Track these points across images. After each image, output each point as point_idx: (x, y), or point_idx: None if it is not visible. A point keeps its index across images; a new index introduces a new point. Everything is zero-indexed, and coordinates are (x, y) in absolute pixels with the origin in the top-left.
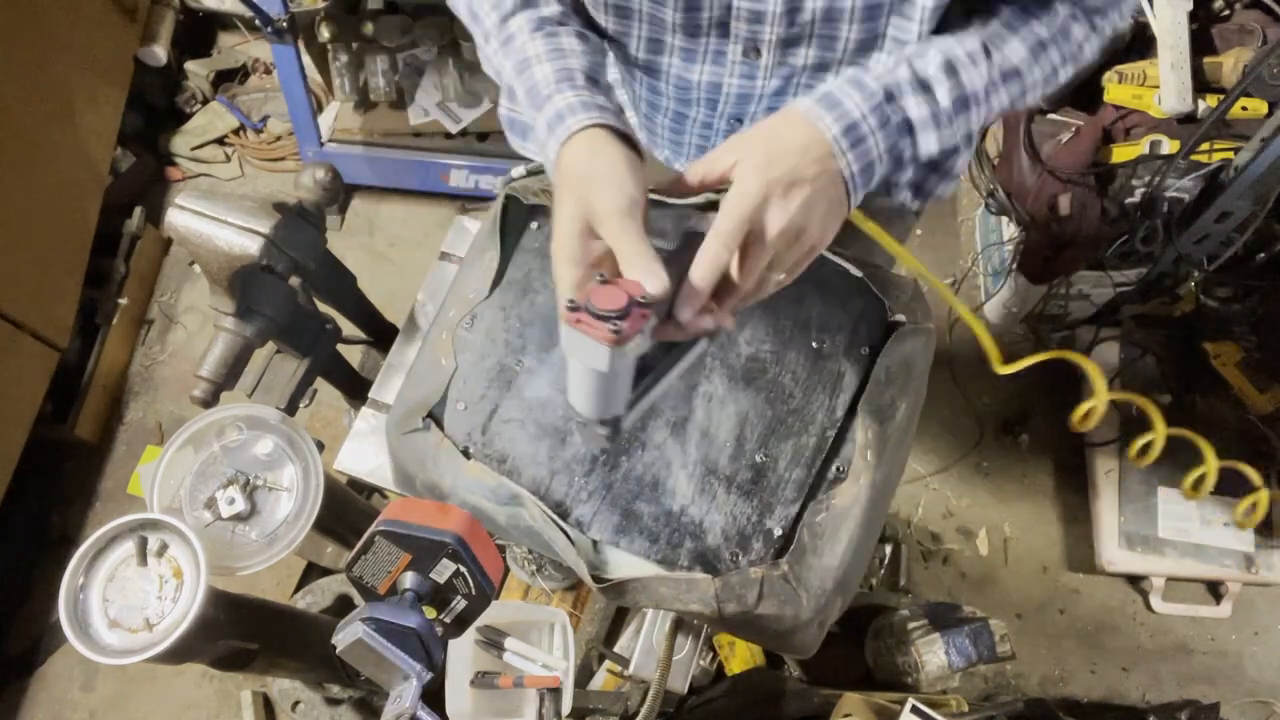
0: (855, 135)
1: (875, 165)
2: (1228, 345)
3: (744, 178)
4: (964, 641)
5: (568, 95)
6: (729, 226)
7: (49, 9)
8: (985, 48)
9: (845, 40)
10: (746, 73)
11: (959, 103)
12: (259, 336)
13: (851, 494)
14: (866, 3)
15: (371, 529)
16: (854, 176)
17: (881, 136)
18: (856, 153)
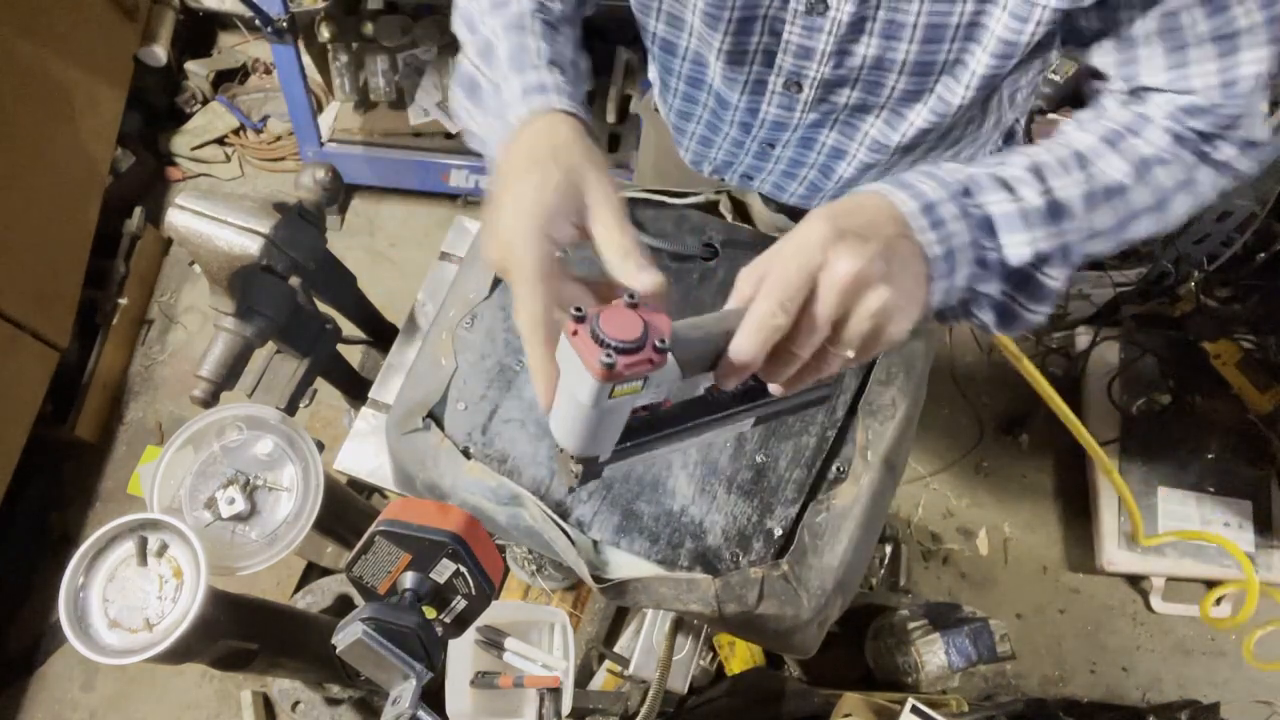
0: (934, 216)
1: (958, 256)
2: (1228, 345)
3: (808, 224)
4: (964, 641)
5: (555, 75)
6: (787, 277)
7: (49, 9)
8: (1079, 156)
9: (891, 89)
10: (784, 104)
11: (1050, 208)
12: (259, 336)
13: (851, 494)
14: (919, 59)
15: (371, 529)
16: (936, 259)
17: (963, 226)
18: (938, 234)
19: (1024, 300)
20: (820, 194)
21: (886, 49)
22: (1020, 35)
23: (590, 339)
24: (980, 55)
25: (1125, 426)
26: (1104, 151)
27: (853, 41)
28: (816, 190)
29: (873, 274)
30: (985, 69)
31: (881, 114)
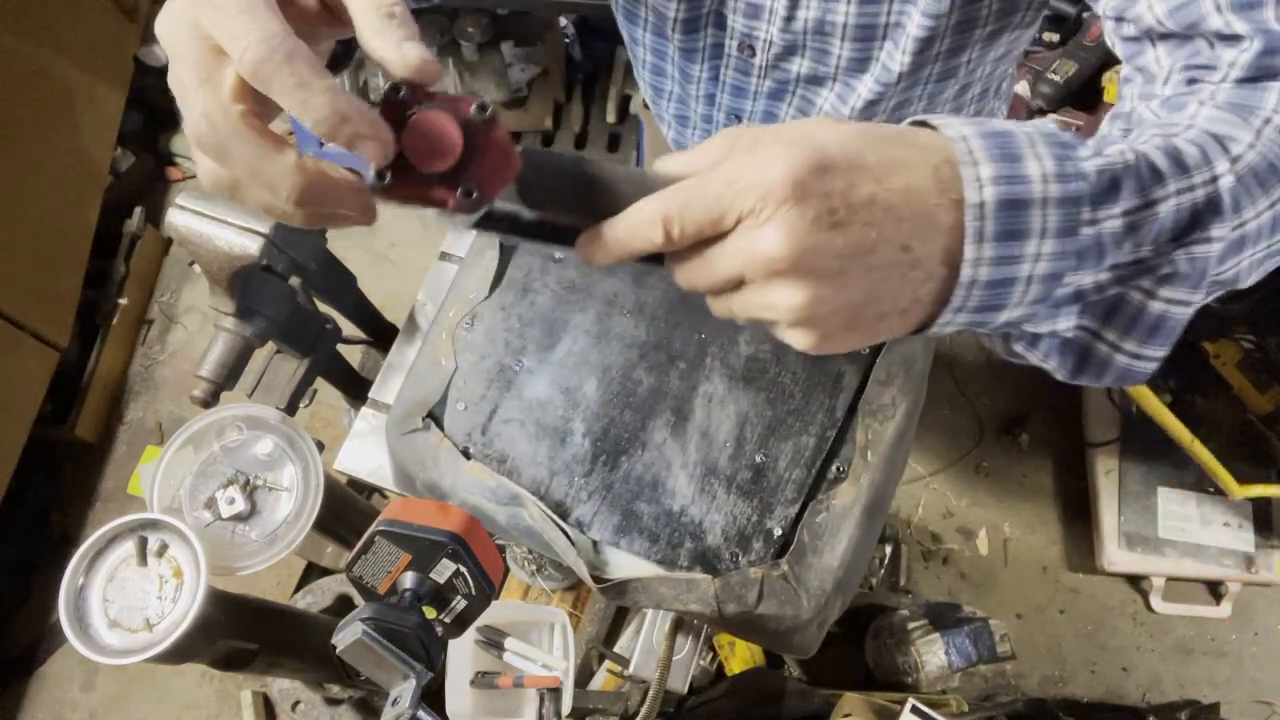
0: (1006, 148)
1: (1033, 208)
2: (1228, 345)
3: (782, 151)
4: (964, 641)
5: None
6: (702, 200)
7: (49, 9)
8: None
9: (838, 56)
10: (741, 68)
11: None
12: (259, 336)
13: (851, 494)
14: (859, 22)
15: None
16: (972, 284)
17: (1054, 190)
18: (998, 248)
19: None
20: None
21: (826, 10)
22: None
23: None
24: (915, 16)
25: (1125, 426)
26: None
27: (795, 3)
28: None
29: (806, 269)
30: (920, 30)
31: (835, 86)
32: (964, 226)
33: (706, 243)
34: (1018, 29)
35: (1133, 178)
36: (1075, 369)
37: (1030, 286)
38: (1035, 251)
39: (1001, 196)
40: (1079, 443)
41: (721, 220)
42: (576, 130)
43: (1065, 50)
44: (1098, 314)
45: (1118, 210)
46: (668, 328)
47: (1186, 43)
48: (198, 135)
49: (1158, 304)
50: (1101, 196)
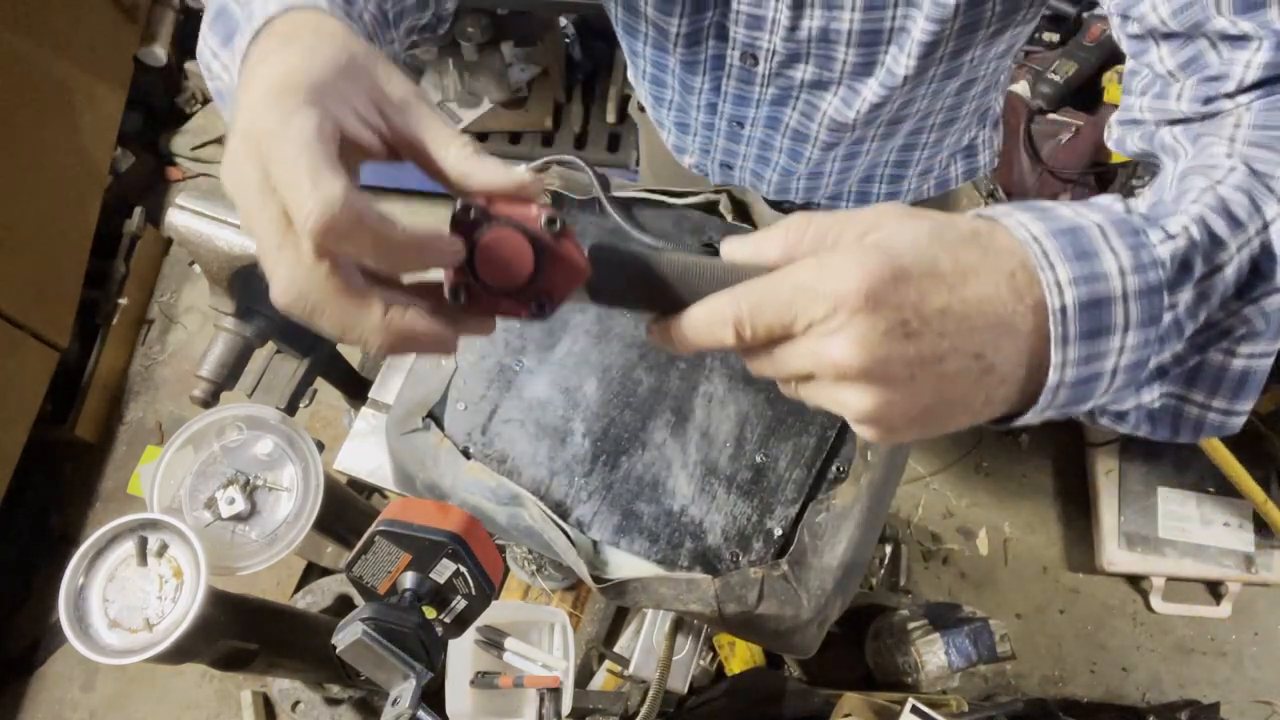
0: (1082, 249)
1: (1115, 304)
2: None
3: (854, 258)
4: (964, 641)
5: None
6: (774, 303)
7: (49, 9)
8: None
9: (842, 63)
10: (744, 78)
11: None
12: (259, 336)
13: (852, 494)
14: (864, 28)
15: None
16: (1059, 387)
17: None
18: (1084, 349)
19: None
20: (794, 177)
21: (830, 19)
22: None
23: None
24: (920, 21)
25: None
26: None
27: (798, 13)
28: (790, 175)
29: (876, 377)
30: (925, 35)
31: (839, 90)
32: (1045, 331)
33: (775, 342)
34: (1020, 25)
35: (1200, 252)
36: (1171, 433)
37: (1116, 377)
38: (1120, 345)
39: (1083, 298)
40: (1079, 443)
41: (792, 325)
42: (576, 130)
43: (1065, 50)
44: (1182, 381)
45: (1190, 286)
46: None
47: (1190, 43)
48: (287, 300)
49: (1239, 361)
50: (1177, 279)
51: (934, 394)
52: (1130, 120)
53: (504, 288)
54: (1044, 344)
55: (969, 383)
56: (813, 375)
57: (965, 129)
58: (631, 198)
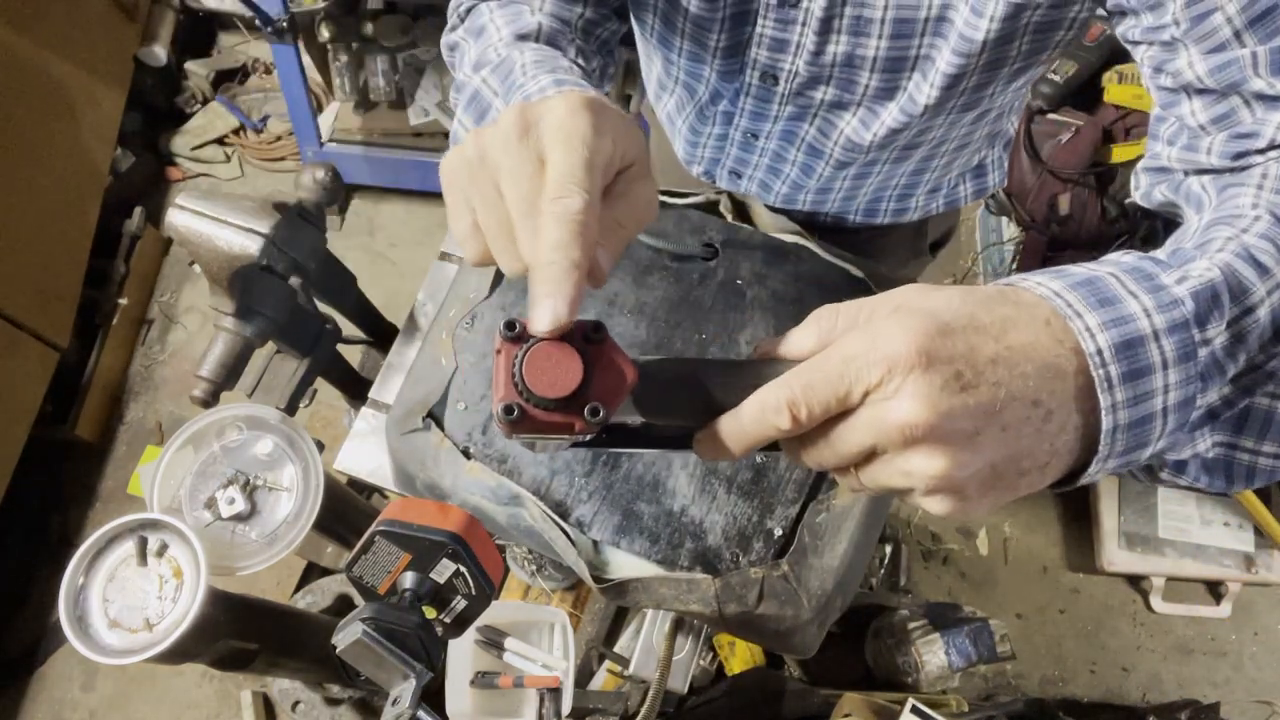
0: (1134, 360)
1: (1156, 423)
2: None
3: (896, 323)
4: (964, 641)
5: (558, 75)
6: (824, 380)
7: (49, 9)
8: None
9: (865, 86)
10: (762, 96)
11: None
12: (259, 336)
13: (851, 494)
14: (889, 55)
15: (371, 529)
16: (1111, 433)
17: (1181, 374)
18: (1129, 390)
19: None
20: (803, 191)
21: (856, 45)
22: (976, 31)
23: (508, 367)
24: (945, 53)
25: None
26: None
27: (824, 39)
28: (799, 188)
29: (942, 435)
30: (949, 67)
31: (858, 112)
32: (1089, 375)
33: (831, 422)
34: (1042, 65)
35: (1225, 291)
36: (1226, 483)
37: (1168, 418)
38: (1163, 384)
39: (1115, 340)
40: None
41: (849, 396)
42: None
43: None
44: (1230, 428)
45: (1223, 325)
46: (668, 328)
47: (1224, 100)
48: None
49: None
50: (1204, 315)
51: (1000, 448)
52: (1158, 169)
53: (556, 397)
54: (1091, 390)
55: (1032, 432)
56: (875, 450)
57: (977, 150)
58: None
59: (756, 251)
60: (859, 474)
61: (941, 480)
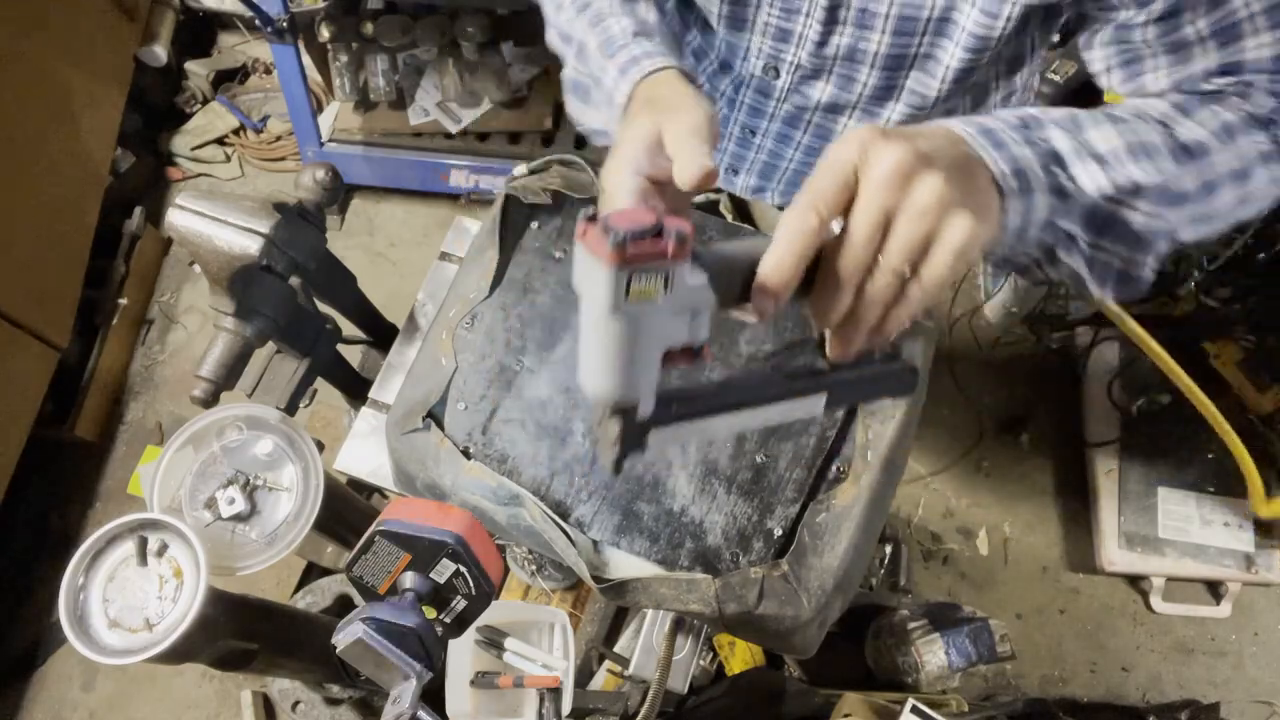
0: (995, 139)
1: (1029, 175)
2: (1228, 345)
3: (852, 132)
4: (964, 641)
5: (644, 44)
6: (822, 176)
7: (49, 9)
8: (1157, 116)
9: (863, 84)
10: (762, 89)
11: (1131, 149)
12: (259, 336)
13: (852, 494)
14: (891, 51)
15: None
16: (1005, 175)
17: (1029, 151)
18: (1002, 154)
19: (1116, 248)
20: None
21: (860, 38)
22: (992, 30)
23: (600, 232)
24: (952, 49)
25: (1125, 426)
26: (1181, 117)
27: (829, 29)
28: (794, 188)
29: (920, 162)
30: (958, 62)
31: (854, 114)
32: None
33: (848, 222)
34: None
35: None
36: (1099, 283)
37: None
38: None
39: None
40: (1079, 443)
41: (846, 180)
42: (577, 130)
43: (1065, 50)
44: (1095, 229)
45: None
46: None
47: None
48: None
49: (1139, 216)
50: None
51: (965, 178)
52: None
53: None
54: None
55: (979, 172)
56: (893, 209)
57: None
58: None
59: None
60: (890, 244)
61: (945, 193)
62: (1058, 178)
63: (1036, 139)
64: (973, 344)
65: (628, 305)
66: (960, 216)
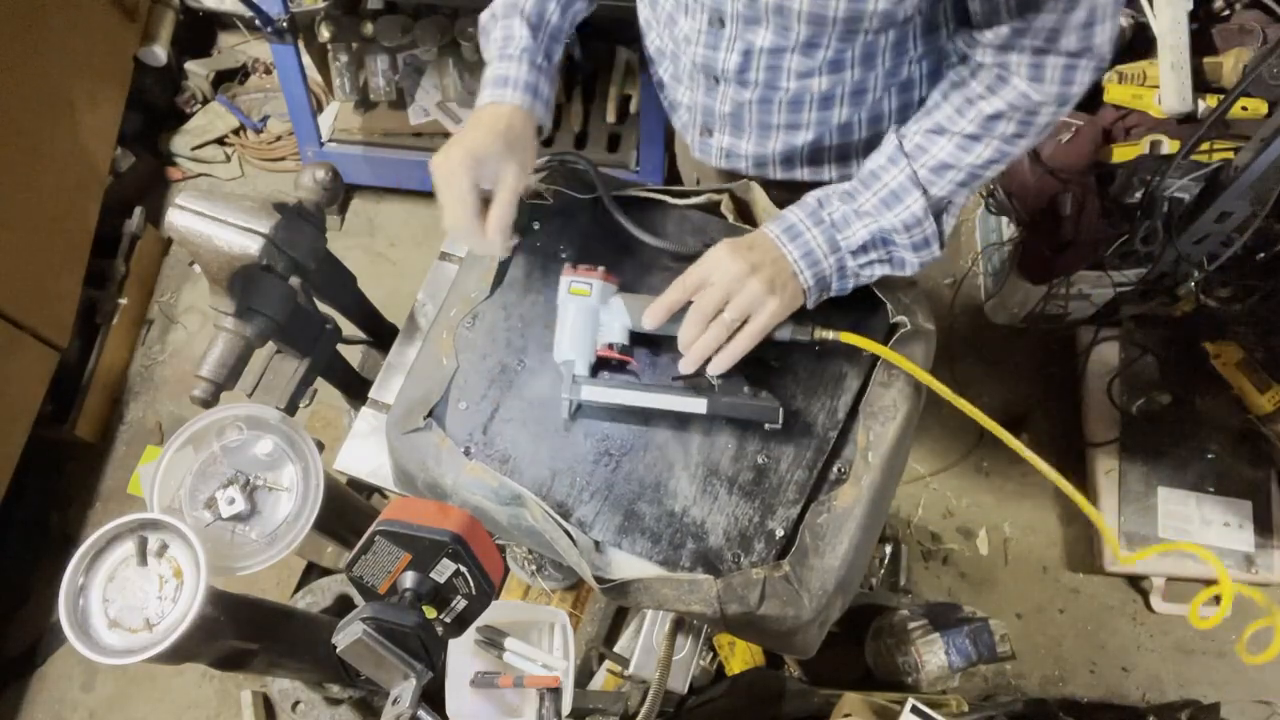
0: (794, 232)
1: (830, 280)
2: (1228, 345)
3: (715, 248)
4: (964, 641)
5: (522, 69)
6: (692, 273)
7: (49, 9)
8: (901, 147)
9: (796, 34)
10: (711, 43)
11: (886, 198)
12: (259, 336)
13: (853, 495)
14: (812, 12)
15: (371, 529)
16: (797, 260)
17: (818, 232)
18: (797, 244)
19: (905, 246)
20: (768, 140)
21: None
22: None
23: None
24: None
25: (1125, 426)
26: (935, 139)
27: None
28: (765, 137)
29: (749, 271)
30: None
31: (793, 56)
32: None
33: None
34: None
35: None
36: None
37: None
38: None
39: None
40: (1079, 443)
41: (704, 279)
42: (576, 130)
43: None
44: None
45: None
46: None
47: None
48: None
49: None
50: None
51: (780, 279)
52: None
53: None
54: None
55: (791, 281)
56: (730, 293)
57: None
58: (634, 197)
59: None
60: (723, 316)
61: (758, 292)
62: (839, 244)
63: (841, 245)
64: (973, 344)
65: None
66: (768, 303)
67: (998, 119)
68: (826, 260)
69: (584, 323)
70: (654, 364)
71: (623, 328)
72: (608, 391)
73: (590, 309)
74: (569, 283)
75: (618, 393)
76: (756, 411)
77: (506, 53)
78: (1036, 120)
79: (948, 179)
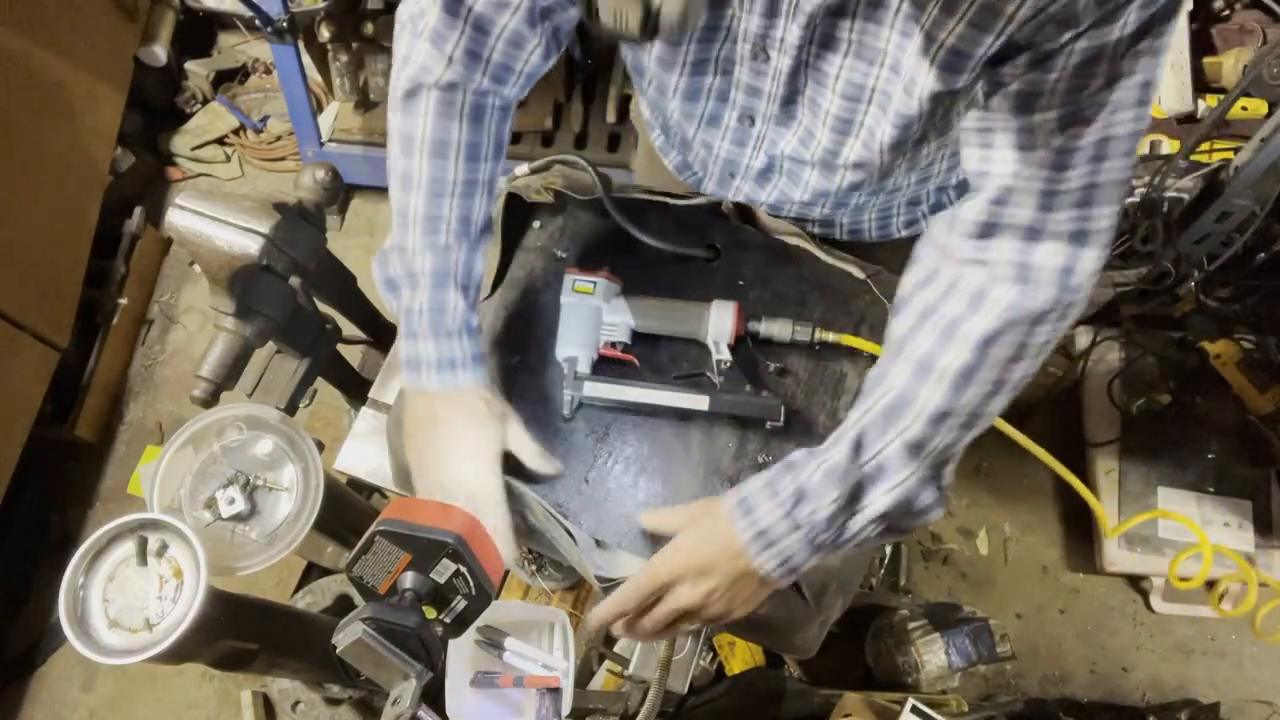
0: (766, 540)
1: (796, 560)
2: (1228, 345)
3: (670, 553)
4: (964, 641)
5: (465, 344)
6: (638, 587)
7: (49, 9)
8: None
9: (819, 140)
10: (739, 139)
11: (872, 472)
12: (259, 336)
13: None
14: (839, 116)
15: (371, 529)
16: (770, 572)
17: (795, 538)
18: (769, 554)
19: (899, 520)
20: (783, 208)
21: (817, 93)
22: (911, 111)
23: None
24: (885, 126)
25: (1125, 426)
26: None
27: (794, 87)
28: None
29: (704, 597)
30: (888, 138)
31: (814, 167)
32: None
33: (645, 612)
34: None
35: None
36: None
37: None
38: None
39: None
40: (1079, 443)
41: (653, 594)
42: (576, 130)
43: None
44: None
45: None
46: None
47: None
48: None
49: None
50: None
51: (735, 588)
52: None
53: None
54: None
55: (750, 581)
56: (682, 614)
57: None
58: (633, 199)
59: (758, 253)
60: (680, 625)
61: (710, 617)
62: (823, 541)
63: (804, 519)
64: None
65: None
66: (735, 614)
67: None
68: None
69: (587, 320)
70: (655, 364)
71: (626, 327)
72: (610, 387)
73: (593, 307)
74: (573, 281)
75: (619, 388)
76: (759, 409)
77: (445, 329)
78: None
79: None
